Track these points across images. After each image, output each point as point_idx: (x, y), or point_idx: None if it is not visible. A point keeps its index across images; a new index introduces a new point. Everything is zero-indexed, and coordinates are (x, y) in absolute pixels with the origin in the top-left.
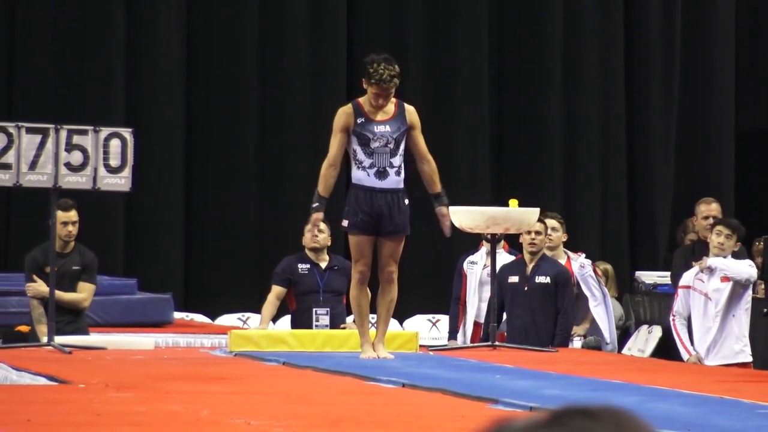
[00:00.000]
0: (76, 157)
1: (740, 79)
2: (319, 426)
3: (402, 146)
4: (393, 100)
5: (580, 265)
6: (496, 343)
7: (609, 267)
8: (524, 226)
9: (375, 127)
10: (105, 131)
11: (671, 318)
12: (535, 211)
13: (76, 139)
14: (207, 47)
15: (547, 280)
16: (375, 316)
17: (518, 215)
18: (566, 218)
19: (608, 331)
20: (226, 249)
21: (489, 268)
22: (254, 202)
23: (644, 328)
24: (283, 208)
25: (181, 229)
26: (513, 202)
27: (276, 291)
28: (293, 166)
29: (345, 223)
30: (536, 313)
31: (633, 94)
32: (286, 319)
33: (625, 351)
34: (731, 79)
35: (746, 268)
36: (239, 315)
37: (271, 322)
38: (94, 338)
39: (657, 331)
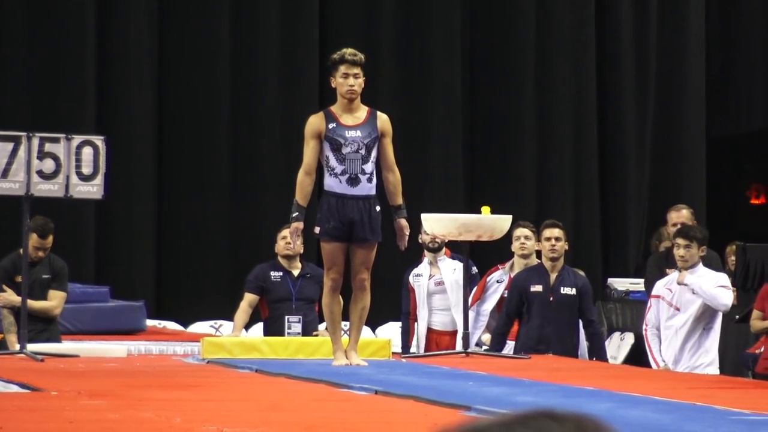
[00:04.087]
0: (48, 165)
1: (711, 86)
2: None
3: (374, 153)
4: (365, 108)
5: None
6: (472, 349)
7: (582, 274)
8: (496, 233)
9: (346, 132)
10: (77, 139)
11: (644, 327)
12: (507, 218)
13: (48, 147)
14: (179, 55)
15: (573, 291)
16: (347, 323)
17: (490, 222)
18: (538, 226)
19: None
20: (199, 256)
21: (435, 278)
22: (227, 210)
23: (617, 335)
24: (256, 215)
25: (154, 237)
26: (485, 210)
27: (248, 298)
28: (266, 174)
29: (317, 230)
30: (560, 324)
31: (605, 102)
32: (259, 327)
33: None
34: (702, 86)
35: (723, 297)
36: (212, 322)
37: (243, 330)
38: (66, 346)
39: (629, 338)
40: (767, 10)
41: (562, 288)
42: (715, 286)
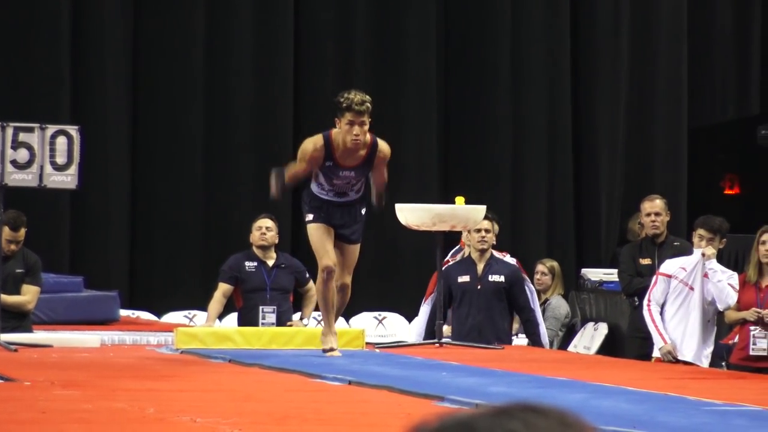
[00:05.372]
0: (23, 155)
1: (690, 76)
2: (265, 423)
3: (365, 177)
4: (367, 143)
5: None
6: (443, 340)
7: (555, 264)
8: (470, 224)
9: (341, 171)
10: (51, 129)
11: (646, 304)
12: (481, 209)
13: (23, 137)
14: (154, 45)
15: (501, 278)
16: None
17: (464, 213)
18: (513, 216)
19: (542, 334)
20: (173, 247)
21: None
22: (201, 200)
23: (590, 325)
24: (230, 206)
25: (128, 227)
26: (459, 200)
27: (223, 288)
28: (240, 165)
29: (309, 216)
30: (491, 311)
31: (579, 92)
32: (233, 317)
33: (571, 348)
34: (679, 76)
35: (731, 296)
36: (185, 312)
37: (217, 320)
38: (39, 336)
39: (603, 328)
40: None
41: (489, 276)
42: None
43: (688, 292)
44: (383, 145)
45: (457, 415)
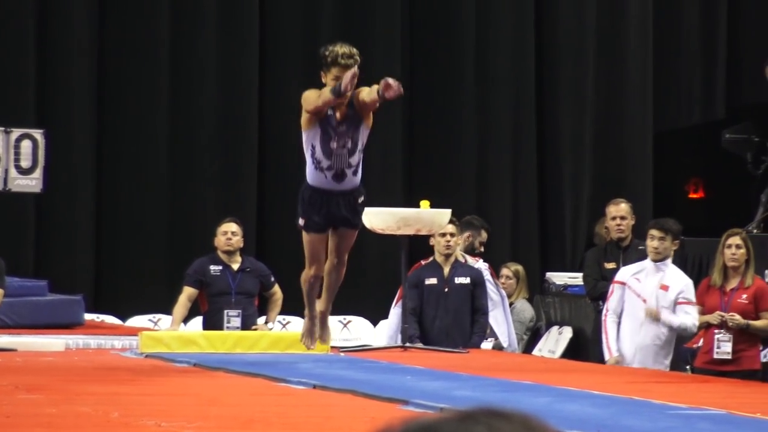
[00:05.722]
0: None
1: (655, 80)
2: (230, 427)
3: (360, 141)
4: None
5: (477, 269)
6: (407, 344)
7: (520, 268)
8: (435, 228)
9: (338, 127)
10: (16, 132)
11: (604, 313)
12: (446, 213)
13: None
14: (119, 47)
15: (467, 280)
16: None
17: (429, 216)
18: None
19: (506, 335)
20: (137, 250)
21: None
22: (165, 203)
23: (555, 329)
24: (195, 208)
25: (92, 230)
26: (424, 204)
27: (187, 292)
28: (204, 166)
29: (301, 221)
30: (458, 313)
31: (544, 96)
32: (198, 321)
33: (535, 352)
34: (649, 80)
35: (690, 325)
36: (150, 316)
37: (182, 324)
38: (3, 340)
39: (567, 332)
40: (708, 5)
41: (455, 278)
42: (678, 302)
43: (641, 304)
44: (358, 91)
45: (421, 419)
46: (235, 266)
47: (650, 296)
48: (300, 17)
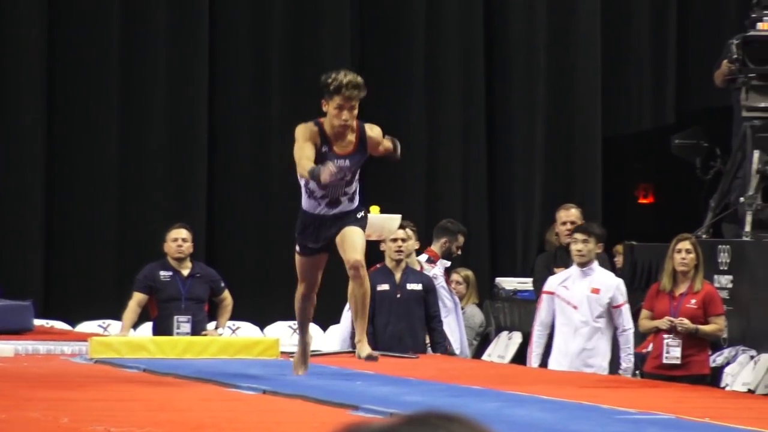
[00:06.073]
0: None
1: (606, 85)
2: None
3: (357, 174)
4: (354, 130)
5: (432, 275)
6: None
7: (470, 273)
8: (385, 233)
9: (336, 160)
10: None
11: (533, 325)
12: (396, 218)
13: None
14: (69, 54)
15: (419, 287)
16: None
17: (380, 222)
18: (428, 225)
19: (458, 342)
20: (87, 255)
21: None
22: (115, 208)
23: (504, 334)
24: (145, 214)
25: (42, 236)
26: (374, 209)
27: (137, 298)
28: (155, 173)
29: (297, 247)
30: (410, 319)
31: (494, 101)
32: (148, 326)
33: (485, 357)
34: (598, 85)
35: (628, 329)
36: (100, 322)
37: (132, 329)
38: None
39: (517, 337)
40: (657, 10)
41: (407, 284)
42: (613, 306)
43: (571, 311)
44: (371, 128)
45: (370, 425)
46: (185, 272)
47: (581, 302)
48: (250, 26)
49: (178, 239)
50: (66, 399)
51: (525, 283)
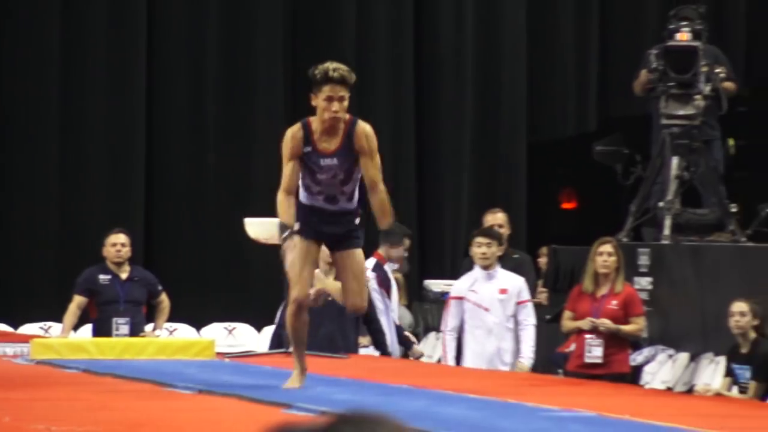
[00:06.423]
0: None
1: (530, 93)
2: (119, 431)
3: (355, 173)
4: (343, 125)
5: None
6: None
7: (399, 275)
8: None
9: (321, 160)
10: None
11: (443, 330)
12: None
13: None
14: (9, 54)
15: None
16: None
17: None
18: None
19: (390, 343)
20: (28, 258)
21: None
22: (56, 212)
23: (432, 334)
24: (85, 218)
25: None
26: None
27: (77, 300)
28: (95, 177)
29: (296, 227)
30: (342, 321)
31: (423, 107)
32: (88, 328)
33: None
34: (523, 93)
35: (530, 326)
36: (41, 324)
37: (72, 331)
38: None
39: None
40: (580, 22)
41: None
42: (518, 302)
43: (483, 314)
44: (362, 125)
45: (298, 425)
46: (124, 276)
47: (492, 304)
48: (186, 33)
49: (117, 244)
50: (8, 399)
51: (452, 285)
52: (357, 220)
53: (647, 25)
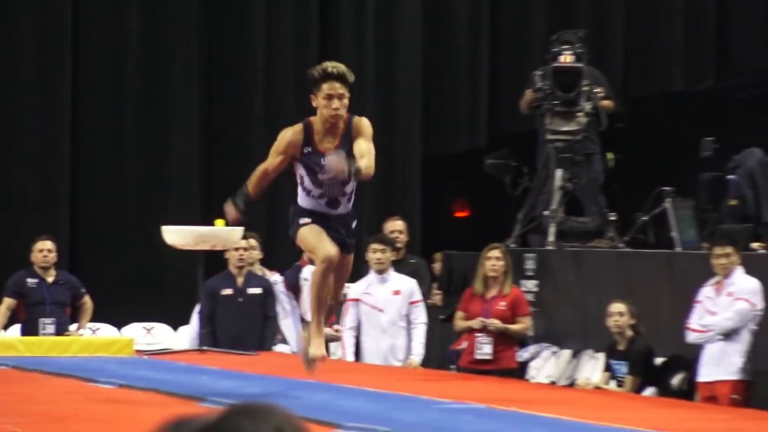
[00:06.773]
0: None
1: (425, 109)
2: (45, 423)
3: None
4: (343, 123)
5: (273, 281)
6: (204, 347)
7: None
8: (229, 243)
9: (322, 159)
10: None
11: (341, 329)
12: (238, 230)
13: None
14: None
15: (259, 290)
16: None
17: (224, 234)
18: (268, 235)
19: (294, 342)
20: None
21: None
22: None
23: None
24: (14, 226)
25: None
26: (219, 222)
27: (7, 303)
28: (24, 183)
29: (302, 221)
30: (252, 320)
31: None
32: (17, 328)
33: None
34: (418, 109)
35: (420, 323)
36: None
37: (2, 331)
38: None
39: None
40: (472, 43)
41: (248, 289)
42: (410, 302)
43: (378, 314)
44: (359, 118)
45: (192, 419)
46: (50, 279)
47: (386, 304)
48: (108, 51)
49: (44, 250)
50: None
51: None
52: (354, 223)
53: (532, 49)
